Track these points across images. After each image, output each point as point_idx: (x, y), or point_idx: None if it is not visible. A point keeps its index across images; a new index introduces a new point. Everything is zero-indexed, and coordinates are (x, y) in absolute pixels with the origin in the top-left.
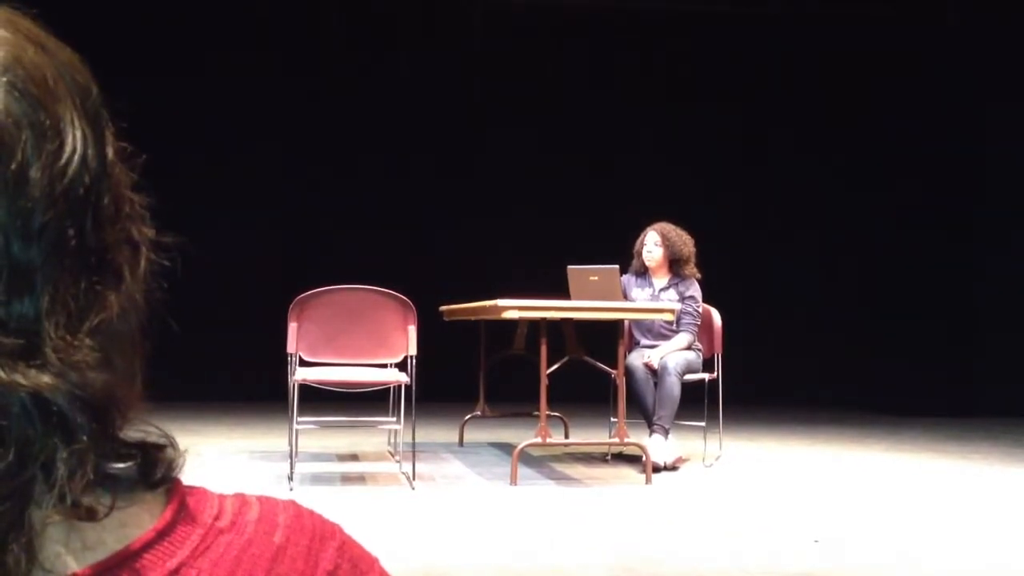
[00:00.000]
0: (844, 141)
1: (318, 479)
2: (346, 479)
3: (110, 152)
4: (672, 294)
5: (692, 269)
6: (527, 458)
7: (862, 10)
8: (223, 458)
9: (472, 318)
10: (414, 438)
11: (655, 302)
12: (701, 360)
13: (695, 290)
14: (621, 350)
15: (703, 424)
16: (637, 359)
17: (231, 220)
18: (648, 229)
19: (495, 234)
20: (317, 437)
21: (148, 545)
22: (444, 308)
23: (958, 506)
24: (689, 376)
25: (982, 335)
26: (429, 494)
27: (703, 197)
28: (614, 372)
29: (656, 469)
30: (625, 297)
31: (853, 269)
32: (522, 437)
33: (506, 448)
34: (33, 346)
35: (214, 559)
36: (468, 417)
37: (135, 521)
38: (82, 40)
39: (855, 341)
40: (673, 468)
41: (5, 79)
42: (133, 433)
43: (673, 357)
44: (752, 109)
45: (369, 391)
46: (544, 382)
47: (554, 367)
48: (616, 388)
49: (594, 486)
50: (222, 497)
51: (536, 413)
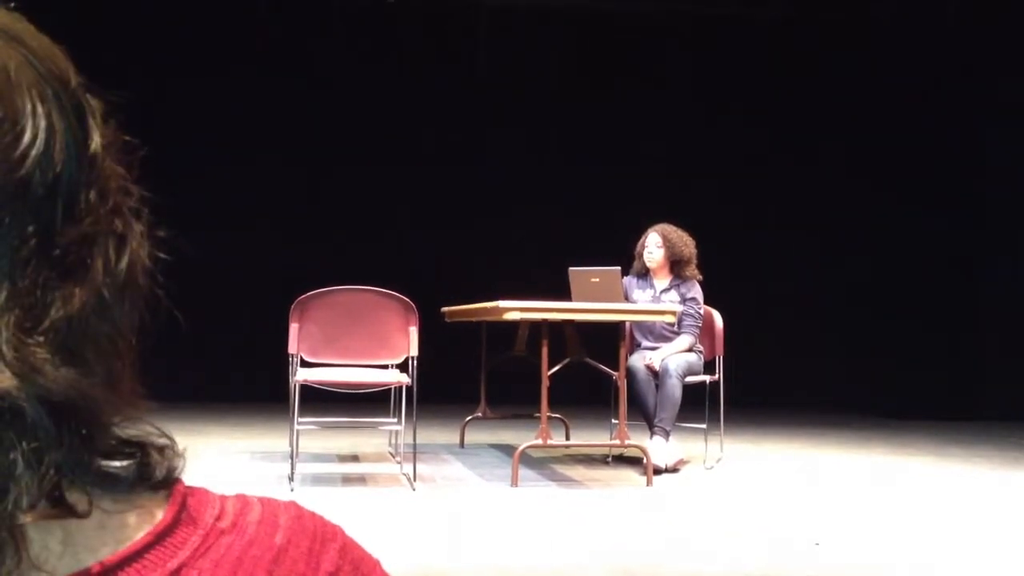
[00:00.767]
0: (845, 142)
1: (319, 480)
2: (347, 480)
3: (95, 143)
4: (673, 295)
5: (693, 270)
6: (528, 460)
7: (862, 10)
8: (224, 458)
9: (473, 319)
10: (415, 439)
11: (656, 304)
12: (702, 362)
13: (696, 292)
14: (622, 352)
15: (704, 426)
16: (639, 361)
17: (233, 220)
18: (649, 230)
19: (497, 235)
20: (318, 438)
21: (149, 546)
22: (445, 309)
23: (961, 510)
24: (690, 378)
25: (985, 338)
26: (430, 495)
27: (704, 198)
28: (615, 374)
29: (657, 471)
30: (626, 299)
31: (855, 271)
32: (523, 439)
33: (507, 450)
34: None
35: (215, 560)
36: (469, 418)
37: (136, 522)
38: (83, 40)
39: (857, 344)
40: (674, 470)
41: None
42: (132, 432)
43: (674, 359)
44: (753, 110)
45: (370, 392)
46: (545, 383)
47: (555, 368)
48: (617, 390)
49: (595, 488)
50: (223, 498)
51: (537, 415)
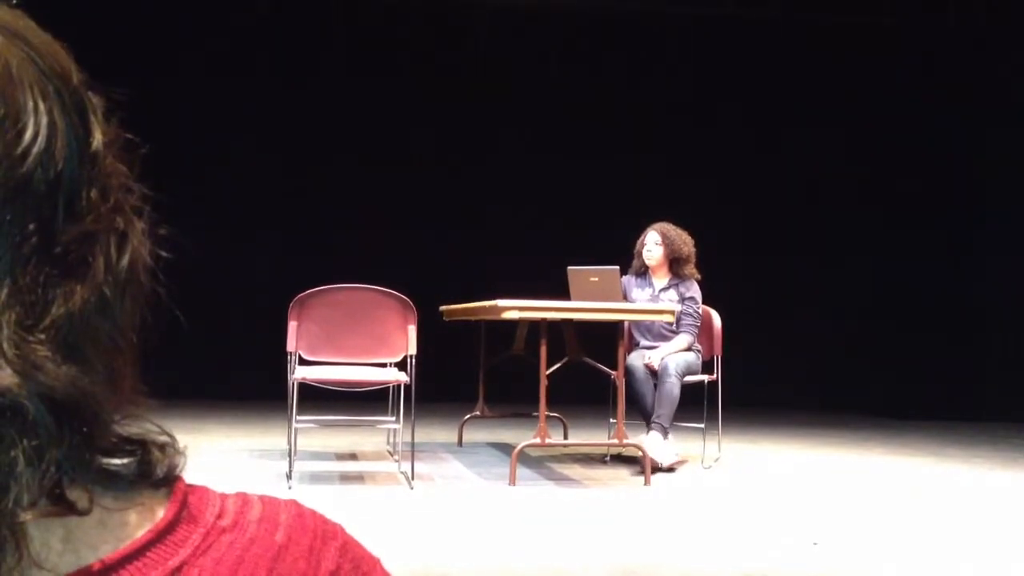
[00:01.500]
0: (845, 141)
1: (317, 478)
2: (345, 478)
3: (96, 141)
4: (672, 294)
5: (692, 269)
6: (526, 459)
7: (863, 10)
8: (222, 456)
9: (472, 318)
10: (413, 438)
11: (655, 303)
12: (701, 361)
13: (695, 291)
14: (621, 351)
15: (702, 426)
16: (637, 359)
17: (232, 218)
18: (648, 228)
19: (496, 235)
20: (316, 436)
21: (150, 544)
22: (444, 308)
23: (959, 510)
24: (689, 378)
25: (984, 338)
26: (428, 494)
27: (704, 198)
28: (613, 373)
29: (656, 469)
30: (625, 298)
31: (853, 271)
32: (521, 437)
33: (505, 448)
34: None
35: (216, 558)
36: (467, 417)
37: (137, 520)
38: (84, 37)
39: (855, 344)
40: (671, 470)
41: None
42: (133, 430)
43: (673, 358)
44: (753, 110)
45: (368, 390)
46: (543, 383)
47: (554, 368)
48: (615, 389)
49: (593, 487)
50: (224, 496)
51: (535, 414)
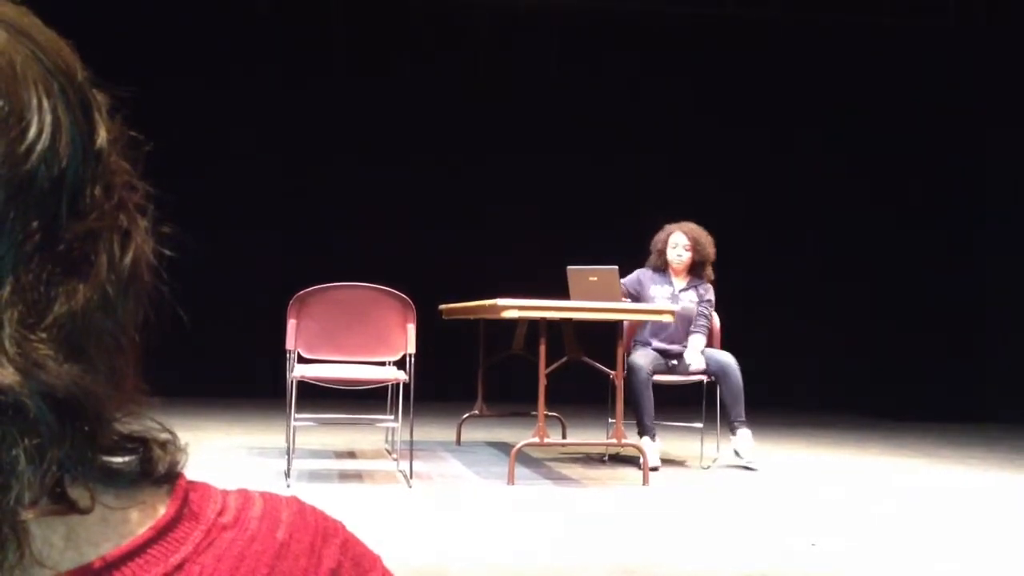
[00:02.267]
0: (845, 142)
1: (315, 476)
2: (343, 477)
3: (100, 139)
4: (692, 296)
5: (710, 271)
6: (525, 458)
7: (863, 10)
8: (221, 454)
9: (471, 317)
10: (412, 436)
11: (652, 304)
12: None
13: (712, 294)
14: (620, 351)
15: (700, 426)
16: (643, 359)
17: (232, 217)
18: (674, 228)
19: (495, 234)
20: (315, 434)
21: (151, 541)
22: (443, 307)
23: (956, 511)
24: (687, 378)
25: (982, 340)
26: (426, 493)
27: (704, 198)
28: (612, 373)
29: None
30: (640, 290)
31: (852, 273)
32: (520, 437)
33: (504, 448)
34: None
35: (217, 555)
36: (466, 416)
37: (138, 517)
38: (89, 35)
39: (854, 345)
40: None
41: None
42: (134, 428)
43: (723, 352)
44: (752, 110)
45: (367, 389)
46: (543, 382)
47: (553, 367)
48: (614, 389)
49: (591, 487)
50: (225, 493)
51: (534, 413)
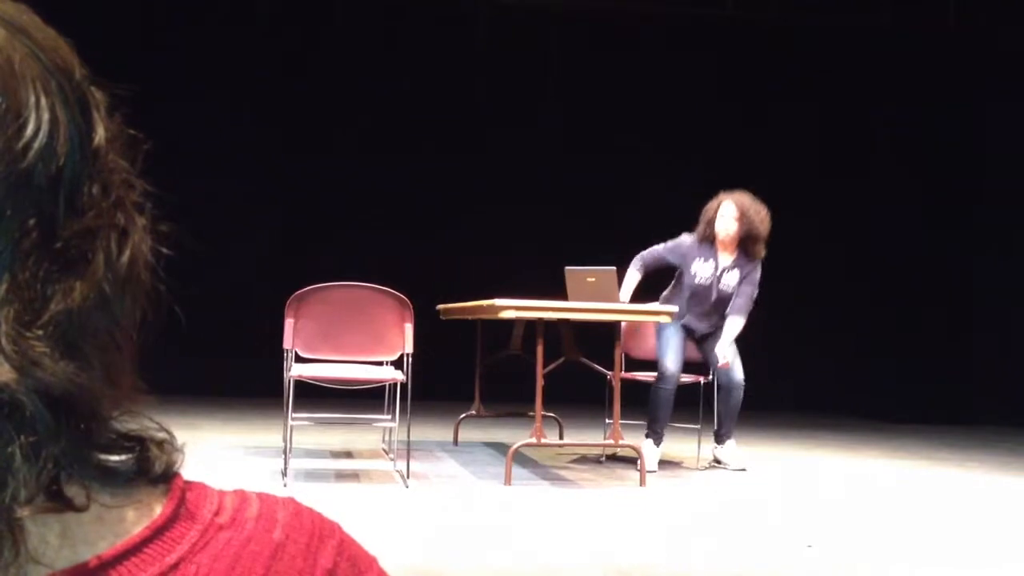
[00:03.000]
0: (844, 143)
1: (312, 476)
2: (340, 476)
3: (98, 137)
4: (735, 275)
5: (762, 249)
6: (521, 458)
7: (863, 10)
8: (217, 453)
9: (469, 317)
10: (409, 436)
11: (714, 280)
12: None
13: (758, 274)
14: (617, 352)
15: (698, 427)
16: (674, 364)
17: (229, 215)
18: (726, 197)
19: (493, 234)
20: (312, 433)
21: (147, 540)
22: (441, 307)
23: (953, 514)
24: (685, 378)
25: (979, 342)
26: (423, 493)
27: (704, 198)
28: (610, 373)
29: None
30: (680, 263)
31: (850, 274)
32: (517, 437)
33: (501, 448)
34: None
35: (213, 555)
36: (463, 416)
37: (134, 516)
38: (87, 33)
39: (851, 347)
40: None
41: None
42: (131, 427)
43: (739, 364)
44: (751, 110)
45: (365, 388)
46: (540, 382)
47: (550, 367)
48: (612, 389)
49: (588, 487)
50: (222, 493)
51: (531, 413)
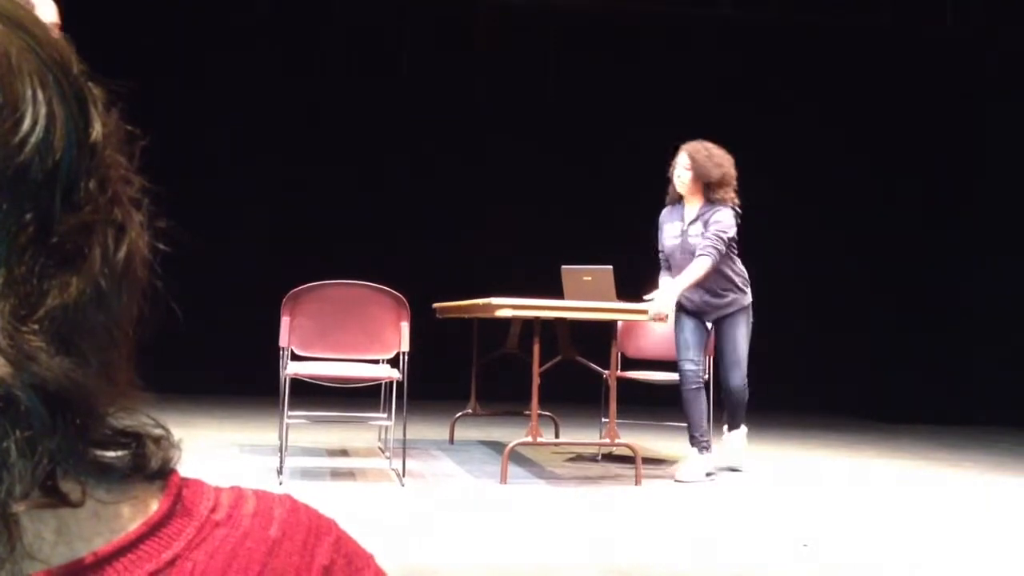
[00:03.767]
0: (843, 143)
1: (308, 474)
2: (336, 474)
3: (96, 132)
4: (699, 227)
5: (726, 193)
6: (517, 457)
7: (863, 10)
8: (213, 451)
9: (465, 316)
10: (405, 435)
11: (683, 239)
12: (750, 321)
13: (722, 216)
14: (613, 350)
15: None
16: (692, 364)
17: (226, 214)
18: (680, 148)
19: (490, 232)
20: (308, 432)
21: (143, 536)
22: (437, 305)
23: (949, 514)
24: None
25: (975, 343)
26: (419, 491)
27: None
28: (606, 372)
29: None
30: (659, 233)
31: (848, 275)
32: (513, 436)
33: (497, 447)
34: None
35: (209, 551)
36: (459, 415)
37: (130, 512)
38: (85, 28)
39: (849, 347)
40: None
41: None
42: (128, 423)
43: (740, 368)
44: (751, 110)
45: (361, 387)
46: (536, 381)
47: (546, 366)
48: (608, 389)
49: (584, 486)
50: (218, 490)
51: (527, 412)
